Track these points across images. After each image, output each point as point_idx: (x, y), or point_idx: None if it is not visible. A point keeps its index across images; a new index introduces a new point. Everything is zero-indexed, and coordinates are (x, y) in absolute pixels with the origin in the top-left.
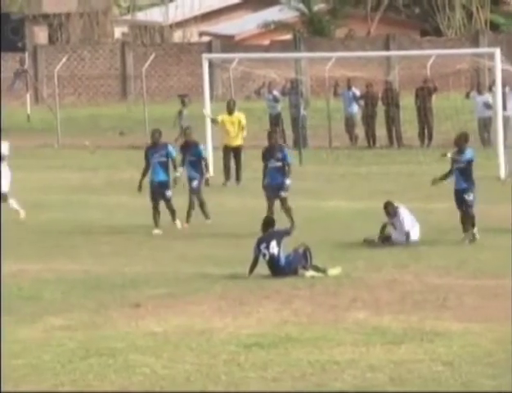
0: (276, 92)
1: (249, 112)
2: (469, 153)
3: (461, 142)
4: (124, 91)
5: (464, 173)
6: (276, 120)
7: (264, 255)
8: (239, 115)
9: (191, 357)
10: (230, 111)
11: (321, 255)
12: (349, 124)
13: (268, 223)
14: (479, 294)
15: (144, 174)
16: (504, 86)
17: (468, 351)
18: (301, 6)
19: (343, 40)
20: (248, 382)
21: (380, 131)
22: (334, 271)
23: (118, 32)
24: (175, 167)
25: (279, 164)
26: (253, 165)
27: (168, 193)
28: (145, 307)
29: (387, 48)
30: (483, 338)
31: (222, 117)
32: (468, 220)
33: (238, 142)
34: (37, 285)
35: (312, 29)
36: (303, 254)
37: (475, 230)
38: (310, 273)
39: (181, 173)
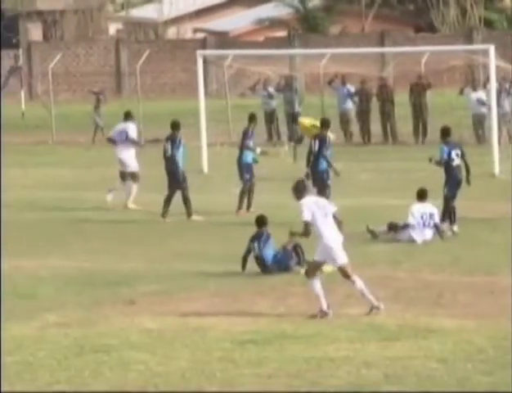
0: (270, 89)
1: (243, 109)
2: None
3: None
4: (119, 88)
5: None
6: (270, 117)
7: (254, 253)
8: None
9: (186, 354)
10: None
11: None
12: (344, 120)
13: (261, 220)
14: (473, 291)
15: None
16: (498, 83)
17: (462, 348)
18: (295, 2)
19: (337, 37)
20: (243, 379)
21: (375, 127)
22: (328, 268)
23: (112, 29)
24: None
25: None
26: None
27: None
28: (140, 304)
29: (381, 45)
30: (477, 335)
31: None
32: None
33: None
34: (32, 282)
35: (307, 26)
36: (294, 251)
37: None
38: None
39: None
